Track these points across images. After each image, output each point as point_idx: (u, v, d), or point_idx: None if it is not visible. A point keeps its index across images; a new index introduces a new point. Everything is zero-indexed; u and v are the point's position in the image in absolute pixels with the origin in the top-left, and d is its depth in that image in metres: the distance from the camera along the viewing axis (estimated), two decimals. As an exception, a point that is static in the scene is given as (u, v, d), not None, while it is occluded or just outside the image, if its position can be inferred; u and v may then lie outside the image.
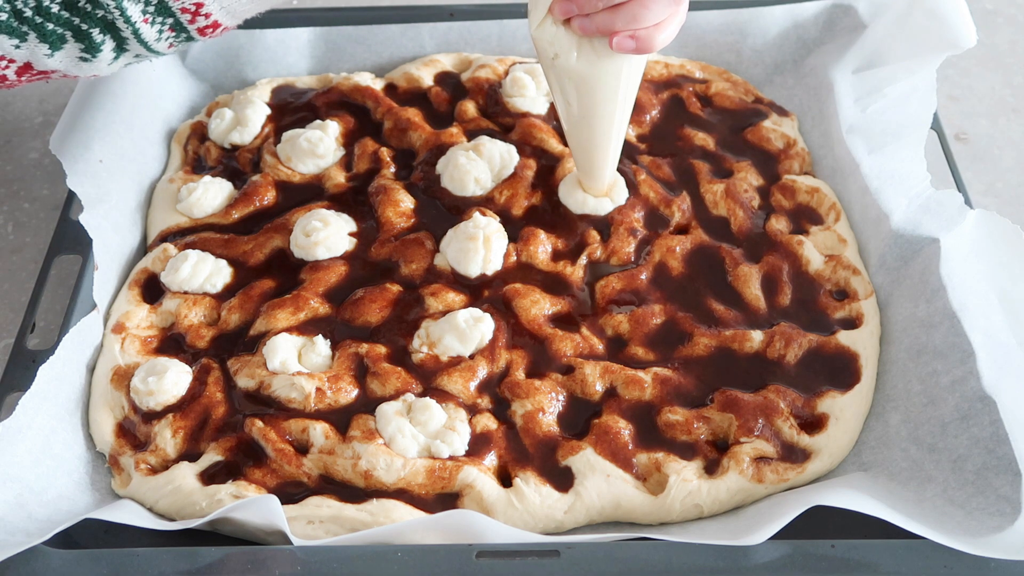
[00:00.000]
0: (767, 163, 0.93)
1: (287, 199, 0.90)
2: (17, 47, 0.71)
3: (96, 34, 0.71)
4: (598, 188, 0.86)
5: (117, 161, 0.89)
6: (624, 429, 0.73)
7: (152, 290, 0.84)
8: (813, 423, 0.75)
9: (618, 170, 0.88)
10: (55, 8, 0.69)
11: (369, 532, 0.66)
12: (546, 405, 0.75)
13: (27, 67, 0.73)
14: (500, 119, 0.96)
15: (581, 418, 0.75)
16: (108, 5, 0.69)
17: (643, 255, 0.85)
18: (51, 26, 0.70)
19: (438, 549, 0.63)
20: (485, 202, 0.88)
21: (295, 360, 0.77)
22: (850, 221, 0.88)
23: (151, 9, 0.70)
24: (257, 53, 1.03)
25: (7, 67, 0.72)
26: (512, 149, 0.91)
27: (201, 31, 0.73)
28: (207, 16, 0.72)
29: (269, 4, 0.74)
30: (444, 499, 0.71)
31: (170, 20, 0.71)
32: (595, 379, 0.76)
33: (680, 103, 0.98)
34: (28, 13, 0.69)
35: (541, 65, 0.78)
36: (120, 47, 0.73)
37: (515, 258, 0.84)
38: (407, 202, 0.88)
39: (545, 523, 0.70)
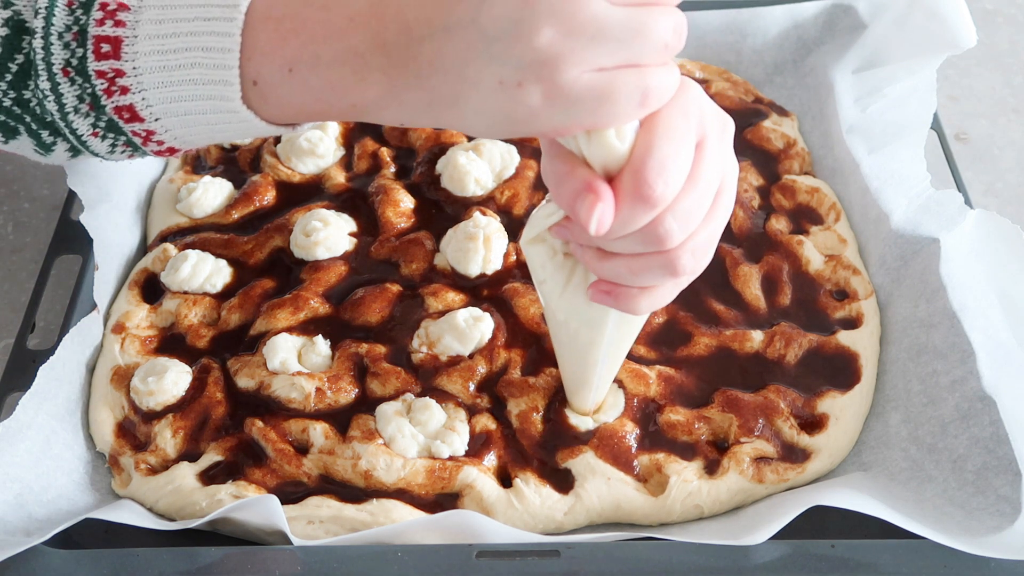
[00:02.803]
0: (767, 163, 0.93)
1: (287, 199, 0.90)
2: None
3: (46, 136, 0.67)
4: (581, 408, 0.74)
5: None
6: (630, 434, 0.73)
7: (152, 290, 0.84)
8: (813, 423, 0.75)
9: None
10: (7, 103, 0.65)
11: (369, 532, 0.66)
12: (541, 403, 0.75)
13: None
14: (500, 119, 0.96)
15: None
16: (54, 115, 0.64)
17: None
18: (2, 118, 0.66)
19: (438, 549, 0.63)
20: (485, 202, 0.88)
21: (295, 360, 0.77)
22: (850, 221, 0.88)
23: (102, 125, 0.65)
24: (257, 53, 1.02)
25: None
26: (513, 149, 0.91)
27: (158, 153, 0.68)
28: (160, 143, 0.66)
29: (226, 140, 0.68)
30: (444, 499, 0.71)
31: (122, 138, 0.66)
32: None
33: (680, 103, 0.98)
34: None
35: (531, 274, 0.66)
36: (74, 150, 0.68)
37: (515, 258, 0.84)
38: (407, 202, 0.88)
39: (545, 524, 0.70)
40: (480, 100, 0.55)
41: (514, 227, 0.86)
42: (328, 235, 0.85)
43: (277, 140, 0.94)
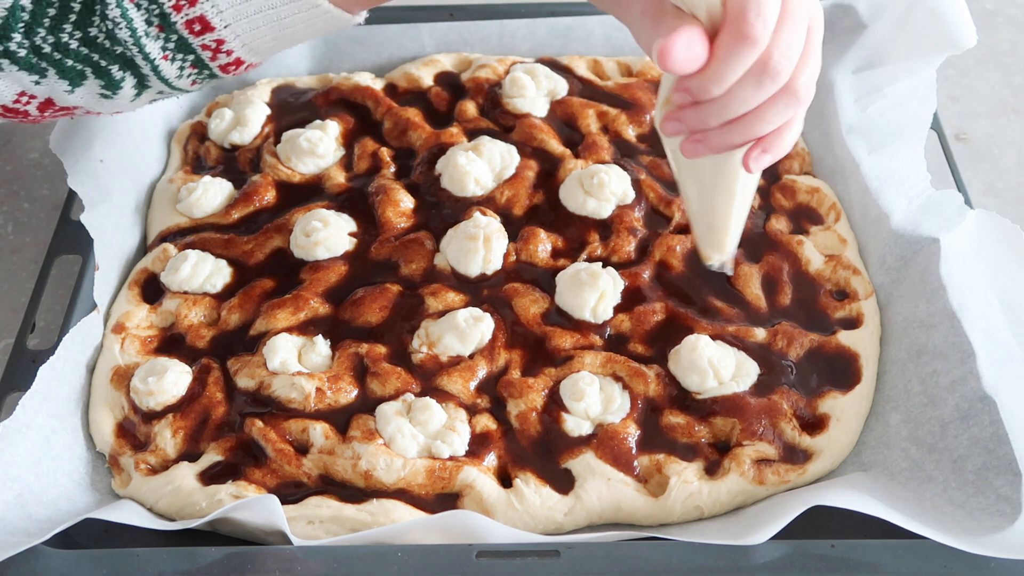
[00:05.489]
0: (767, 163, 0.93)
1: (287, 199, 0.90)
2: (37, 83, 0.70)
3: (115, 71, 0.69)
4: (720, 252, 0.75)
5: (118, 161, 0.89)
6: (630, 437, 0.73)
7: (152, 290, 0.84)
8: (814, 423, 0.75)
9: (621, 168, 0.88)
10: (74, 44, 0.68)
11: (369, 532, 0.66)
12: (539, 404, 0.75)
13: (49, 103, 0.72)
14: (500, 119, 0.96)
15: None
16: (127, 42, 0.67)
17: (643, 254, 0.85)
18: (70, 62, 0.68)
19: (438, 549, 0.63)
20: (485, 202, 0.88)
21: (295, 360, 0.77)
22: (850, 221, 0.88)
23: (171, 46, 0.68)
24: (257, 53, 1.03)
25: (28, 103, 0.71)
26: (512, 149, 0.91)
27: (223, 68, 0.71)
28: (228, 53, 0.69)
29: (291, 42, 0.71)
30: (444, 499, 0.71)
31: (191, 57, 0.69)
32: (595, 370, 0.76)
33: (680, 103, 0.98)
34: (47, 49, 0.68)
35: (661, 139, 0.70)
36: (141, 84, 0.71)
37: (515, 258, 0.84)
38: (407, 202, 0.88)
39: (545, 524, 0.70)
40: None
41: (514, 227, 0.86)
42: (328, 235, 0.85)
43: (277, 140, 0.94)
